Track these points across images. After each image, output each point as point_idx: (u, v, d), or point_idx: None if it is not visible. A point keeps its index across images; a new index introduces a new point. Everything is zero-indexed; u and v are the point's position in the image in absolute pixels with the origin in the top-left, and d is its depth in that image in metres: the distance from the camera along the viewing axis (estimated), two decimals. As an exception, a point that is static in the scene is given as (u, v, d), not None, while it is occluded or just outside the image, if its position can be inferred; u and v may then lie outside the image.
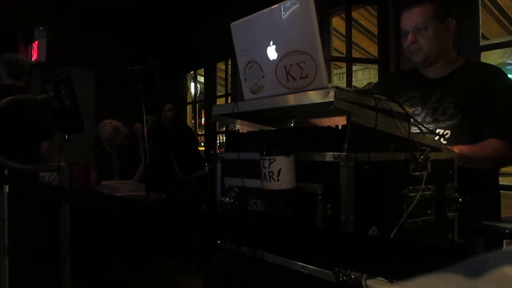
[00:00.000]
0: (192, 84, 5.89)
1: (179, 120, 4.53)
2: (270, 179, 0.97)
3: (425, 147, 1.07)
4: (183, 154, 4.16)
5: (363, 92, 1.00)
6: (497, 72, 1.61)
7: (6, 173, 2.32)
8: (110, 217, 3.05)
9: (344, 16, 3.64)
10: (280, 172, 0.96)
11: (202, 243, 4.07)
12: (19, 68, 3.17)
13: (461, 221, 1.17)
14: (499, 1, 4.90)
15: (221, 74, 5.64)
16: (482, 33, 2.79)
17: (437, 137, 1.49)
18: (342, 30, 3.92)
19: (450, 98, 1.56)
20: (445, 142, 1.50)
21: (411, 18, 1.60)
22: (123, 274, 3.64)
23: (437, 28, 1.58)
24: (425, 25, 1.57)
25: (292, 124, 1.39)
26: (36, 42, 4.44)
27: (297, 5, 1.00)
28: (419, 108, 1.62)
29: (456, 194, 1.15)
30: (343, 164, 0.92)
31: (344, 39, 3.66)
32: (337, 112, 1.06)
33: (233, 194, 1.21)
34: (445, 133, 1.53)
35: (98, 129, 4.00)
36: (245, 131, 1.30)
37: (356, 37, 5.15)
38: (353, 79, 3.67)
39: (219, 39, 4.14)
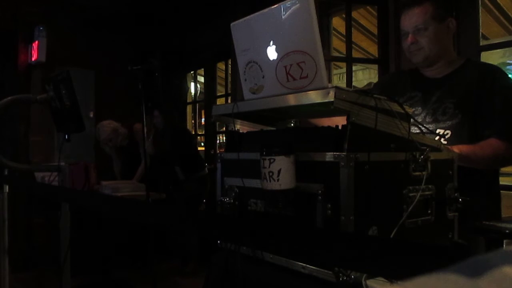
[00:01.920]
0: (192, 84, 5.88)
1: (174, 123, 4.49)
2: (270, 179, 0.97)
3: (425, 147, 1.07)
4: (182, 157, 4.14)
5: (363, 92, 1.00)
6: (497, 71, 1.61)
7: (6, 173, 2.32)
8: (110, 217, 3.05)
9: (344, 16, 3.63)
10: (280, 172, 0.96)
11: (202, 243, 4.06)
12: None
13: (461, 221, 1.17)
14: (499, 1, 4.90)
15: (221, 74, 5.63)
16: (482, 33, 2.79)
17: (437, 137, 1.49)
18: (342, 30, 3.92)
19: (450, 98, 1.56)
20: (445, 142, 1.50)
21: (411, 19, 1.59)
22: (123, 274, 3.64)
23: (437, 28, 1.58)
24: (425, 25, 1.57)
25: (292, 124, 1.39)
26: (36, 42, 4.43)
27: (297, 5, 1.00)
28: (419, 108, 1.62)
29: (456, 194, 1.15)
30: (343, 164, 0.92)
31: (344, 39, 3.65)
32: (337, 112, 1.06)
33: (233, 194, 1.21)
34: (445, 133, 1.53)
35: (97, 130, 3.99)
36: (245, 131, 1.30)
37: (356, 37, 5.15)
38: (353, 79, 3.67)
39: (220, 39, 4.14)
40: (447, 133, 1.53)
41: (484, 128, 1.51)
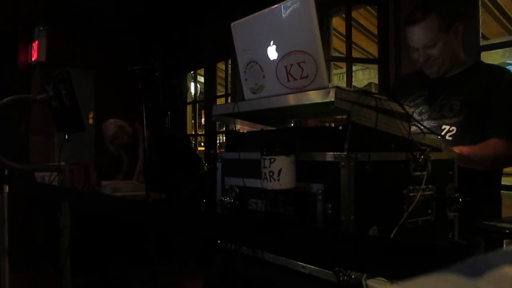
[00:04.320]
0: (192, 84, 5.88)
1: (160, 132, 4.44)
2: (270, 179, 0.97)
3: (425, 147, 1.07)
4: (176, 164, 4.10)
5: (363, 92, 1.00)
6: (503, 72, 1.60)
7: (6, 173, 2.32)
8: (110, 217, 3.05)
9: (344, 16, 3.63)
10: (281, 172, 0.96)
11: (203, 243, 4.06)
12: None
13: (461, 221, 1.17)
14: (499, 1, 4.90)
15: (221, 74, 5.63)
16: (482, 33, 2.79)
17: (444, 132, 1.50)
18: (342, 30, 3.92)
19: (458, 95, 1.56)
20: (451, 138, 1.50)
21: (419, 36, 1.56)
22: (123, 274, 3.64)
23: (446, 39, 1.56)
24: (434, 41, 1.55)
25: (292, 124, 1.39)
26: (36, 42, 4.42)
27: (298, 5, 1.00)
28: (426, 106, 1.62)
29: (456, 194, 1.15)
30: (343, 164, 0.92)
31: (344, 39, 3.65)
32: (337, 112, 1.06)
33: (233, 194, 1.21)
34: (451, 129, 1.53)
35: (103, 128, 3.97)
36: (245, 131, 1.30)
37: (356, 37, 5.15)
38: (353, 79, 3.66)
39: (220, 39, 4.14)
40: (453, 129, 1.53)
41: (486, 127, 1.52)
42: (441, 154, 1.14)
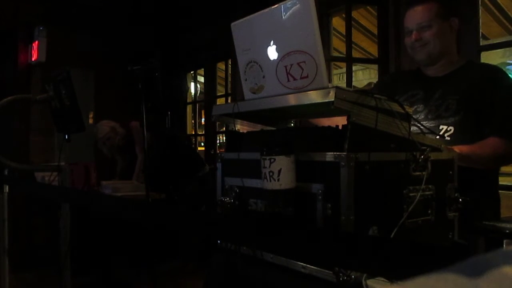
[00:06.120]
0: (192, 84, 5.88)
1: (162, 132, 4.43)
2: (270, 179, 0.97)
3: (425, 147, 1.07)
4: (177, 162, 4.09)
5: (363, 92, 1.00)
6: (498, 72, 1.62)
7: (6, 173, 2.32)
8: (110, 217, 3.05)
9: (344, 16, 3.64)
10: (281, 172, 0.96)
11: (203, 243, 4.06)
12: None
13: (461, 221, 1.17)
14: (499, 1, 4.90)
15: (221, 74, 5.63)
16: (482, 33, 2.79)
17: (441, 132, 1.51)
18: (342, 30, 3.92)
19: (453, 94, 1.57)
20: (448, 138, 1.51)
21: (415, 16, 1.61)
22: (123, 274, 3.64)
23: (441, 26, 1.60)
24: (430, 23, 1.59)
25: (292, 124, 1.39)
26: (36, 42, 4.42)
27: (298, 5, 1.00)
28: (421, 105, 1.62)
29: (456, 194, 1.15)
30: (343, 164, 0.92)
31: (344, 39, 3.65)
32: (337, 112, 1.06)
33: (233, 194, 1.21)
34: (448, 129, 1.54)
35: (95, 129, 3.99)
36: (245, 131, 1.30)
37: (356, 37, 5.15)
38: (353, 79, 3.67)
39: (220, 39, 4.14)
40: (450, 129, 1.53)
41: (484, 126, 1.52)
42: (441, 154, 1.15)
